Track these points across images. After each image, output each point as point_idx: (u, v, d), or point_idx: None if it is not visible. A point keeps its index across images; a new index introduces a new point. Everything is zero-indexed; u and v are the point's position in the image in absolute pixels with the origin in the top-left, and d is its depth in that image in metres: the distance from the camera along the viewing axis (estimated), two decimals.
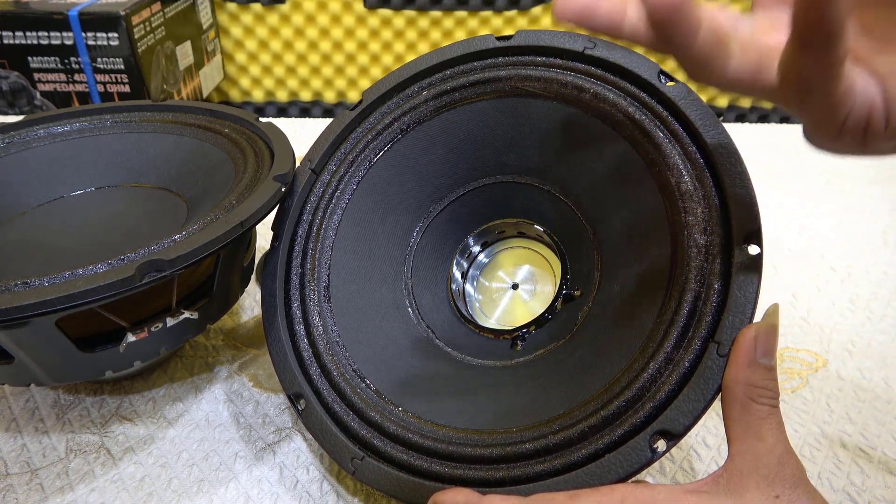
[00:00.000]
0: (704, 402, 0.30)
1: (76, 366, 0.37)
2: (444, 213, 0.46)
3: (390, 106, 0.45)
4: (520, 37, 0.41)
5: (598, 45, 0.39)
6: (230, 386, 0.47)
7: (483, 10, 1.02)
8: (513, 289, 0.46)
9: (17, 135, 0.51)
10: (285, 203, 0.44)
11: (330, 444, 0.37)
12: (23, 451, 0.42)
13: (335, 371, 0.38)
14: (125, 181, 0.51)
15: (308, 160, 0.44)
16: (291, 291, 0.41)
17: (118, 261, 0.34)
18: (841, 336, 0.51)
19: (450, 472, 0.33)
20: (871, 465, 0.41)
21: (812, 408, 0.45)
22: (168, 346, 0.39)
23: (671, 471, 0.40)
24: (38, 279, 0.33)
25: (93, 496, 0.39)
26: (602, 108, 0.38)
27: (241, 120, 0.50)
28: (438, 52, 0.44)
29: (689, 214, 0.33)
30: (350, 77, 1.09)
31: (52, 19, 0.76)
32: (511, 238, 0.47)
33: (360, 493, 0.39)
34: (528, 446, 0.32)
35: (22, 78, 0.81)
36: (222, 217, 0.38)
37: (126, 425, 0.43)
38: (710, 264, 0.32)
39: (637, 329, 0.34)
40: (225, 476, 0.40)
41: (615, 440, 0.31)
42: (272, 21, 1.03)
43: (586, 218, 0.41)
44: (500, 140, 0.43)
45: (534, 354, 0.40)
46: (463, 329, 0.44)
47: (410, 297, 0.44)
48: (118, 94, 0.81)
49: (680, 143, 0.35)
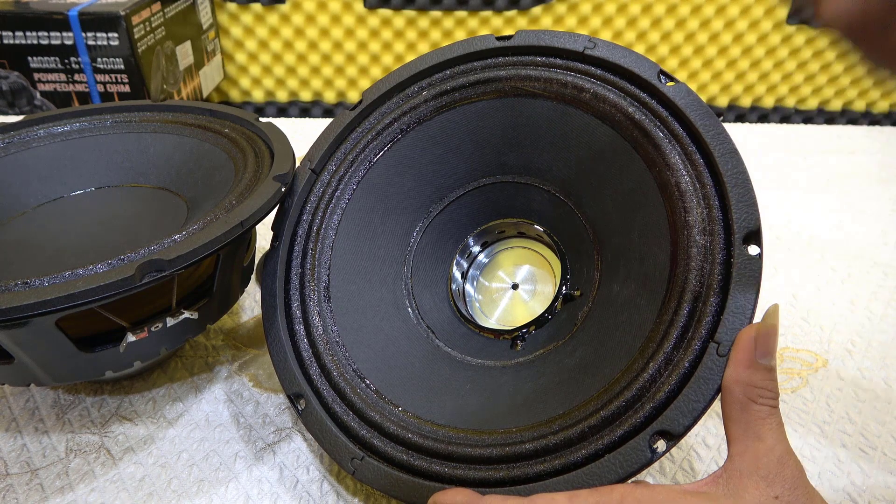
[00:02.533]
0: (704, 403, 0.30)
1: (76, 366, 0.37)
2: (444, 213, 0.46)
3: (390, 106, 0.45)
4: (520, 37, 0.41)
5: (599, 45, 0.39)
6: (230, 386, 0.47)
7: (483, 10, 1.02)
8: (513, 289, 0.46)
9: (17, 135, 0.51)
10: (285, 203, 0.44)
11: (330, 444, 0.37)
12: (23, 451, 0.42)
13: (335, 371, 0.38)
14: (125, 181, 0.51)
15: (308, 160, 0.44)
16: (291, 291, 0.41)
17: (118, 261, 0.34)
18: (841, 336, 0.51)
19: (449, 472, 0.33)
20: (871, 465, 0.41)
21: (812, 408, 0.45)
22: (168, 346, 0.39)
23: (671, 471, 0.40)
24: (38, 279, 0.33)
25: (93, 496, 0.39)
26: (602, 108, 0.38)
27: (241, 120, 0.50)
28: (438, 52, 0.44)
29: (689, 214, 0.33)
30: (350, 77, 1.09)
31: (52, 19, 0.76)
32: (511, 238, 0.47)
33: (360, 493, 0.39)
34: (527, 446, 0.32)
35: (22, 78, 0.81)
36: (222, 217, 0.38)
37: (126, 425, 0.43)
38: (710, 264, 0.32)
39: (637, 329, 0.34)
40: (225, 476, 0.40)
41: (615, 440, 0.31)
42: (272, 21, 1.03)
43: (586, 218, 0.41)
44: (500, 140, 0.43)
45: (534, 354, 0.40)
46: (463, 329, 0.44)
47: (410, 297, 0.44)
48: (118, 94, 0.81)
49: (680, 143, 0.35)
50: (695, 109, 0.35)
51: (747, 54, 1.07)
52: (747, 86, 1.11)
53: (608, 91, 0.38)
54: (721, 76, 1.09)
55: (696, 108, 0.35)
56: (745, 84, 1.10)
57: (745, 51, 1.07)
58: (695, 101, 0.35)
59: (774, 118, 1.14)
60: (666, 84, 0.36)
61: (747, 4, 1.02)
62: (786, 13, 1.03)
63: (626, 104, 0.37)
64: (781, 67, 1.09)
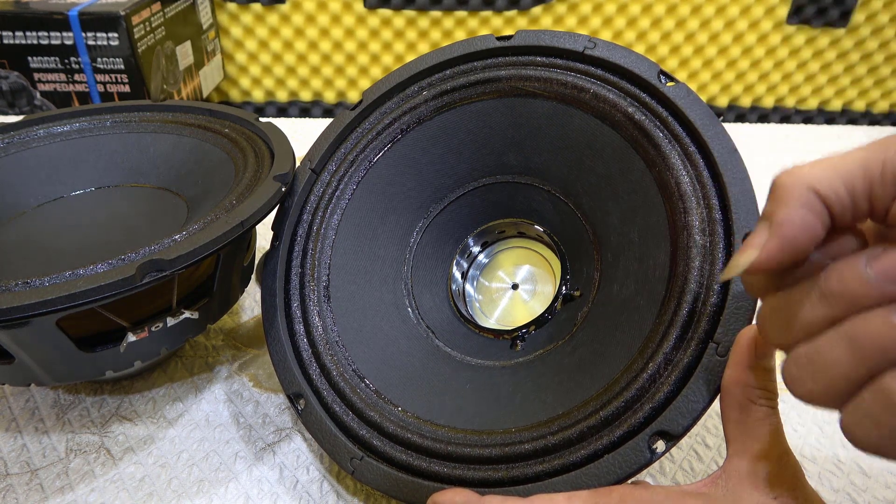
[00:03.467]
0: (703, 403, 0.30)
1: (76, 366, 0.37)
2: (444, 213, 0.46)
3: (390, 106, 0.45)
4: (520, 37, 0.41)
5: (599, 45, 0.39)
6: (230, 386, 0.47)
7: (483, 10, 1.02)
8: (513, 289, 0.46)
9: (16, 135, 0.51)
10: (285, 203, 0.44)
11: (329, 443, 0.37)
12: (23, 451, 0.42)
13: (335, 371, 0.38)
14: (125, 181, 0.51)
15: (308, 160, 0.44)
16: (291, 291, 0.41)
17: (119, 260, 0.34)
18: None
19: (449, 472, 0.33)
20: (871, 465, 0.41)
21: (812, 408, 0.45)
22: (168, 346, 0.39)
23: (671, 471, 0.40)
24: (38, 279, 0.33)
25: (93, 496, 0.39)
26: (602, 108, 0.38)
27: (241, 120, 0.50)
28: (439, 52, 0.44)
29: (688, 215, 0.33)
30: (350, 77, 1.09)
31: (52, 19, 0.76)
32: (511, 238, 0.47)
33: (359, 493, 0.39)
34: (527, 446, 0.32)
35: (22, 78, 0.81)
36: (222, 217, 0.38)
37: (126, 425, 0.43)
38: (710, 265, 0.32)
39: (636, 329, 0.34)
40: (225, 476, 0.40)
41: (614, 441, 0.31)
42: (272, 21, 1.03)
43: (586, 218, 0.41)
44: (500, 140, 0.43)
45: (533, 355, 0.40)
46: (463, 329, 0.44)
47: (410, 297, 0.44)
48: (118, 94, 0.81)
49: (680, 143, 0.35)
50: (695, 109, 0.35)
51: (747, 54, 1.07)
52: (747, 86, 1.11)
53: (608, 91, 0.38)
54: (721, 76, 1.10)
55: (696, 108, 0.35)
56: (745, 84, 1.10)
57: (745, 51, 1.07)
58: (695, 101, 0.35)
59: (774, 118, 1.14)
60: (666, 84, 0.36)
61: (747, 4, 1.02)
62: (786, 13, 1.03)
63: (626, 104, 0.37)
64: (781, 67, 1.09)
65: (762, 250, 0.23)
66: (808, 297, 0.22)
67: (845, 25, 1.04)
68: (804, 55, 1.08)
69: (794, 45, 1.07)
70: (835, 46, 1.07)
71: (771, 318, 0.24)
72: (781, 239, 0.22)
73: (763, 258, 0.23)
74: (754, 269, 0.23)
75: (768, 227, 0.23)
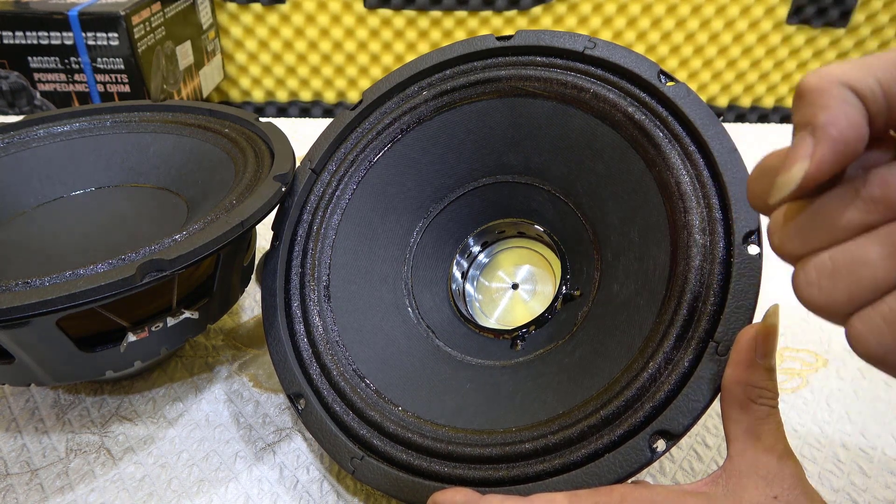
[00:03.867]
0: (704, 402, 0.30)
1: (77, 366, 0.37)
2: (444, 212, 0.46)
3: (390, 106, 0.45)
4: (520, 37, 0.41)
5: (599, 45, 0.39)
6: (230, 386, 0.47)
7: (483, 10, 1.02)
8: (513, 289, 0.46)
9: (16, 135, 0.51)
10: (285, 203, 0.44)
11: (330, 443, 0.37)
12: (23, 451, 0.42)
13: (335, 371, 0.38)
14: (125, 181, 0.51)
15: (308, 160, 0.44)
16: (291, 291, 0.41)
17: (119, 260, 0.34)
18: (841, 336, 0.51)
19: (449, 471, 0.33)
20: (871, 465, 0.41)
21: (812, 408, 0.45)
22: (168, 346, 0.39)
23: (671, 471, 0.40)
24: (38, 279, 0.33)
25: (93, 496, 0.39)
26: (602, 108, 0.38)
27: (241, 120, 0.50)
28: (438, 52, 0.44)
29: (688, 214, 0.33)
30: (350, 77, 1.09)
31: (52, 19, 0.76)
32: (511, 238, 0.47)
33: (360, 493, 0.39)
34: (527, 446, 0.32)
35: (22, 78, 0.81)
36: (222, 217, 0.38)
37: (126, 425, 0.43)
38: (710, 264, 0.32)
39: (636, 329, 0.34)
40: (225, 476, 0.40)
41: (614, 440, 0.31)
42: (272, 21, 1.03)
43: (586, 218, 0.41)
44: (500, 140, 0.43)
45: (533, 354, 0.40)
46: (463, 329, 0.44)
47: (410, 296, 0.44)
48: (118, 94, 0.81)
49: (680, 143, 0.35)
50: (695, 109, 0.35)
51: (747, 54, 1.07)
52: (747, 86, 1.11)
53: (608, 91, 0.38)
54: (721, 76, 1.10)
55: (696, 108, 0.35)
56: (745, 84, 1.10)
57: (745, 51, 1.07)
58: (695, 100, 0.35)
59: (774, 118, 1.14)
60: (666, 84, 0.36)
61: (747, 4, 1.02)
62: (785, 13, 1.03)
63: (626, 104, 0.37)
64: (781, 67, 1.09)
65: (812, 161, 0.20)
66: (840, 202, 0.21)
67: (845, 25, 1.04)
68: (804, 55, 1.08)
69: (794, 45, 1.07)
70: (835, 46, 1.08)
71: (788, 227, 0.23)
72: (832, 142, 0.20)
73: (814, 169, 0.20)
74: (807, 183, 0.21)
75: (811, 133, 0.21)
